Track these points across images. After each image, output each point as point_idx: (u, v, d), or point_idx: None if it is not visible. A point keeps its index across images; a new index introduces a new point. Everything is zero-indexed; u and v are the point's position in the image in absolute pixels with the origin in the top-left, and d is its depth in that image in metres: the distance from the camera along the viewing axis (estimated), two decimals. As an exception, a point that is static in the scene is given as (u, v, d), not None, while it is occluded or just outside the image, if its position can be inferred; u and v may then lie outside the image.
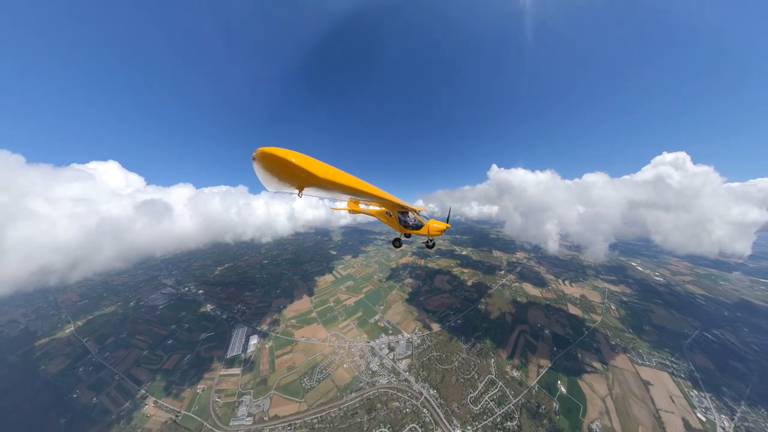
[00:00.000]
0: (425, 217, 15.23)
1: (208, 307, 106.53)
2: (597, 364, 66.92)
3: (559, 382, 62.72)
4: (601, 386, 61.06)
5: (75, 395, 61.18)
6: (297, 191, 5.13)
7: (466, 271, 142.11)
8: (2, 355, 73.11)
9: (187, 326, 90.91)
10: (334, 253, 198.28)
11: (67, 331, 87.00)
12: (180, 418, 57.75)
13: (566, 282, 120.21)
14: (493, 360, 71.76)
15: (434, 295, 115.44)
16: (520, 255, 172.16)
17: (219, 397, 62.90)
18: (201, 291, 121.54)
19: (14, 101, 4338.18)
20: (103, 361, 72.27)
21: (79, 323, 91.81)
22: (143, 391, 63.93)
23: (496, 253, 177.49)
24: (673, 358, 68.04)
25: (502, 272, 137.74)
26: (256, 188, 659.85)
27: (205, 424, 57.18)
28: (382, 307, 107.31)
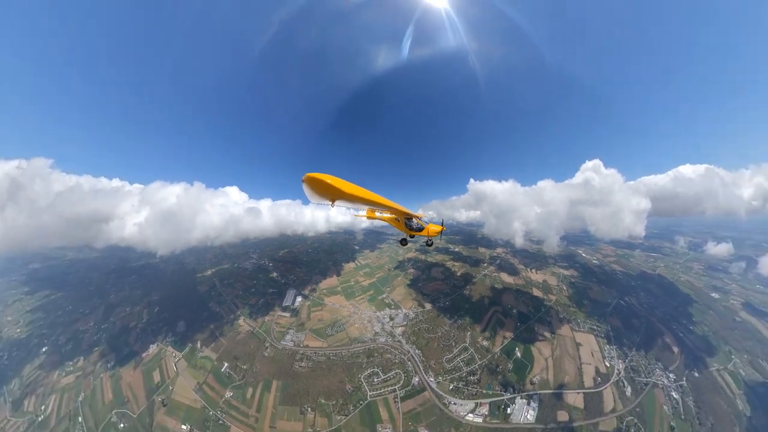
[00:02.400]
0: (425, 221, 15.26)
1: (274, 274, 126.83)
2: (547, 334, 71.96)
3: (516, 348, 68.23)
4: (547, 350, 66.90)
5: (210, 304, 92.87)
6: (330, 203, 5.46)
7: (456, 264, 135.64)
8: (181, 279, 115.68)
9: (262, 283, 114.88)
10: (357, 247, 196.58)
11: (208, 272, 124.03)
12: (255, 331, 79.26)
13: (533, 270, 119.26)
14: (469, 333, 75.25)
15: (430, 282, 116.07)
16: (499, 250, 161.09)
17: (276, 326, 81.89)
18: (270, 264, 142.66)
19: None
20: (221, 292, 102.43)
21: (213, 270, 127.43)
22: (239, 312, 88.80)
23: (481, 250, 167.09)
24: (598, 323, 74.84)
25: (485, 264, 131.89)
26: (306, 201, 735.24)
27: (267, 338, 76.33)
28: (388, 289, 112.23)
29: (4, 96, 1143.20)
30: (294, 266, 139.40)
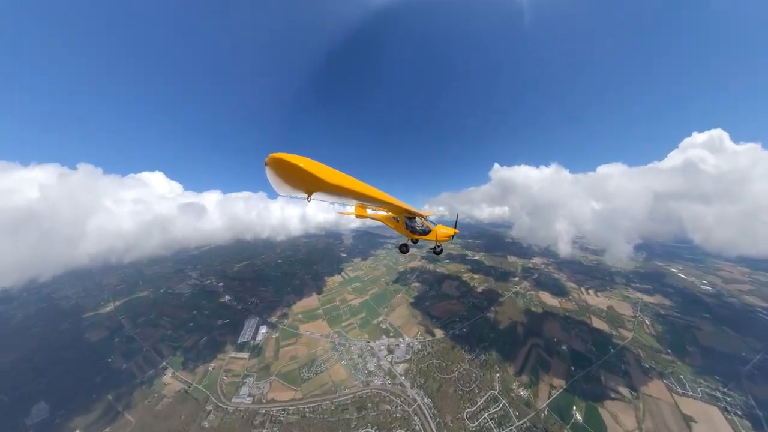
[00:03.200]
0: (433, 222, 14.81)
1: (226, 298, 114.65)
2: (624, 390, 56.91)
3: (574, 407, 55.11)
4: (628, 418, 51.71)
5: (110, 360, 70.77)
6: (306, 196, 5.07)
7: (476, 276, 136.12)
8: (56, 323, 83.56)
9: (206, 313, 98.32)
10: (344, 255, 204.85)
11: (108, 308, 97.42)
12: (191, 389, 63.63)
13: (590, 291, 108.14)
14: (498, 375, 66.21)
15: (441, 300, 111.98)
16: (537, 261, 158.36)
17: (226, 376, 68.27)
18: (221, 284, 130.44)
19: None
20: (134, 335, 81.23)
21: (118, 303, 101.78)
22: (164, 363, 71.32)
23: (511, 259, 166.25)
24: (725, 389, 55.10)
25: (516, 279, 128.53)
26: (273, 193, 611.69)
27: (211, 397, 61.75)
28: (385, 309, 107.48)
29: None
30: (256, 284, 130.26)
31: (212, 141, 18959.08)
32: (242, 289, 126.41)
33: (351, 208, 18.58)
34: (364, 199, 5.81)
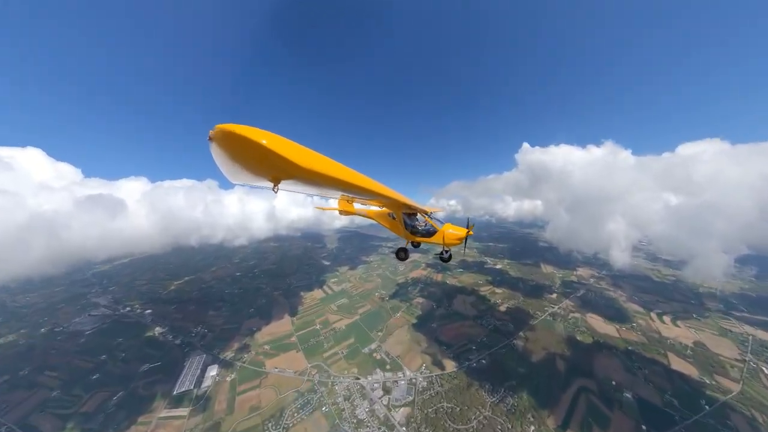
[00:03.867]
0: (440, 220, 14.81)
1: (157, 330, 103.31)
2: None
3: None
4: None
5: None
6: (272, 185, 4.67)
7: (498, 291, 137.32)
8: None
9: (123, 356, 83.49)
10: (327, 263, 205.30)
11: None
12: None
13: (666, 318, 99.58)
14: (533, 428, 61.46)
15: (452, 321, 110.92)
16: (583, 272, 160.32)
17: None
18: (149, 311, 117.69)
19: None
20: None
21: None
22: None
23: (546, 269, 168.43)
24: None
25: (554, 295, 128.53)
26: (227, 182, 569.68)
27: None
28: (380, 334, 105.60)
29: None
30: (203, 308, 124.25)
31: (130, 104, 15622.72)
32: (182, 316, 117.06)
33: (334, 202, 18.72)
34: (349, 189, 5.55)
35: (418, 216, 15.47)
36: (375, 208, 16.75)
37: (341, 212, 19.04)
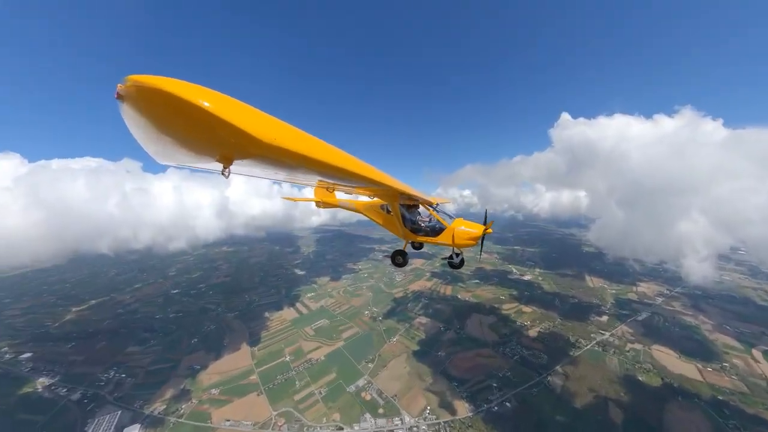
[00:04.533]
0: (449, 215, 15.24)
1: (41, 382, 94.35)
2: None
3: None
4: None
5: None
6: (220, 166, 4.36)
7: (527, 310, 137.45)
8: None
9: None
10: (301, 273, 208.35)
11: None
12: None
13: None
14: None
15: (465, 349, 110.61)
16: (646, 288, 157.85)
17: None
18: (26, 355, 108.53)
19: None
20: None
21: None
22: None
23: (593, 281, 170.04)
24: None
25: (604, 318, 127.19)
26: (152, 165, 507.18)
27: None
28: (371, 366, 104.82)
29: None
30: (119, 343, 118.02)
31: None
32: (84, 358, 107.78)
33: (309, 191, 20.33)
34: (329, 173, 5.71)
35: (421, 209, 15.96)
36: (364, 199, 17.40)
37: (319, 204, 20.03)
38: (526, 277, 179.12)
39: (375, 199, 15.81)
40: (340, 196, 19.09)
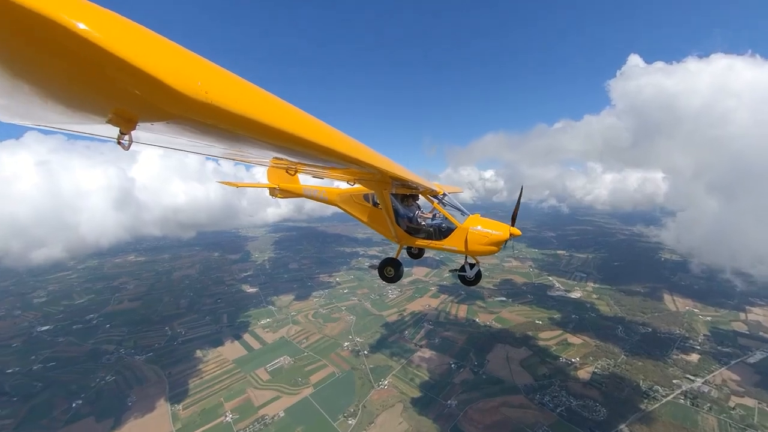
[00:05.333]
0: (461, 210, 16.28)
1: None
2: None
3: None
4: None
5: None
6: (116, 131, 4.09)
7: (576, 340, 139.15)
8: None
9: None
10: (252, 290, 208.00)
11: None
12: None
13: None
14: None
15: (486, 395, 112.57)
16: (762, 315, 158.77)
17: None
18: None
19: None
20: None
21: None
22: None
23: (675, 302, 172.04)
24: None
25: (695, 357, 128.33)
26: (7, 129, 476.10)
27: None
28: (352, 422, 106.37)
29: None
30: None
31: None
32: None
33: (262, 174, 22.73)
34: (289, 147, 5.90)
35: (422, 200, 16.96)
36: (341, 186, 18.09)
37: (275, 193, 21.34)
38: (575, 294, 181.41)
39: (356, 185, 15.88)
40: (306, 180, 19.77)
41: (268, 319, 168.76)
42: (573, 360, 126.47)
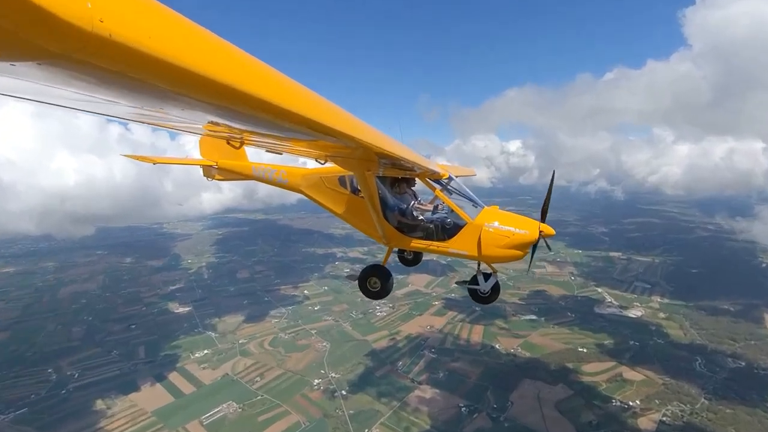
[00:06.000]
0: (473, 201, 16.99)
1: None
2: None
3: None
4: None
5: None
6: None
7: (636, 376, 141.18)
8: None
9: None
10: (183, 310, 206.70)
11: None
12: None
13: None
14: None
15: None
16: None
17: None
18: None
19: None
20: None
21: None
22: None
23: None
24: None
25: None
26: None
27: None
28: None
29: None
30: None
31: None
32: None
33: (194, 147, 24.15)
34: (232, 107, 5.77)
35: (419, 186, 18.26)
36: (311, 164, 18.42)
37: (212, 172, 22.69)
38: (634, 313, 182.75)
39: (328, 164, 15.67)
40: (257, 156, 20.94)
41: (205, 351, 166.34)
42: (631, 403, 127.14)
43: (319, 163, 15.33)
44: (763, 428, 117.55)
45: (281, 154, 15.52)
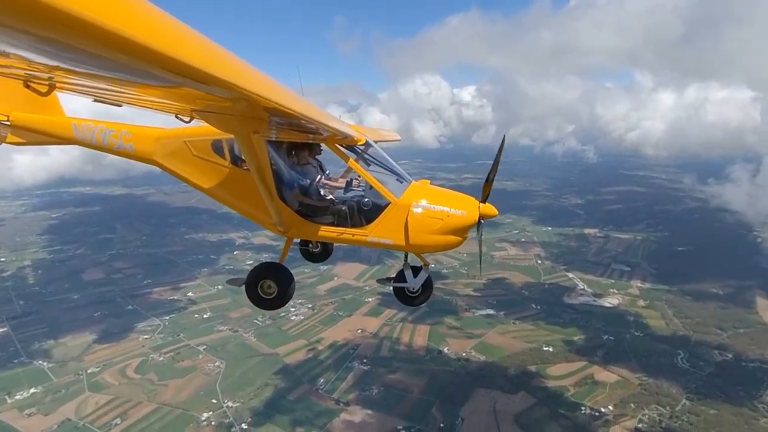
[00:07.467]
0: (400, 174, 17.90)
1: None
2: None
3: None
4: None
5: None
6: None
7: (610, 377, 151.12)
8: None
9: None
10: None
11: None
12: None
13: None
14: None
15: None
16: None
17: None
18: None
19: None
20: None
21: None
22: None
23: None
24: None
25: None
26: None
27: None
28: None
29: None
30: None
31: None
32: None
33: None
34: (34, 27, 4.70)
35: (325, 152, 18.67)
36: (171, 124, 18.49)
37: (2, 135, 21.54)
38: (610, 301, 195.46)
39: (196, 123, 16.27)
40: (80, 109, 20.09)
41: (32, 390, 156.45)
42: (603, 410, 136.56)
43: (183, 121, 16.17)
44: (750, 429, 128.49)
45: (120, 106, 15.64)
